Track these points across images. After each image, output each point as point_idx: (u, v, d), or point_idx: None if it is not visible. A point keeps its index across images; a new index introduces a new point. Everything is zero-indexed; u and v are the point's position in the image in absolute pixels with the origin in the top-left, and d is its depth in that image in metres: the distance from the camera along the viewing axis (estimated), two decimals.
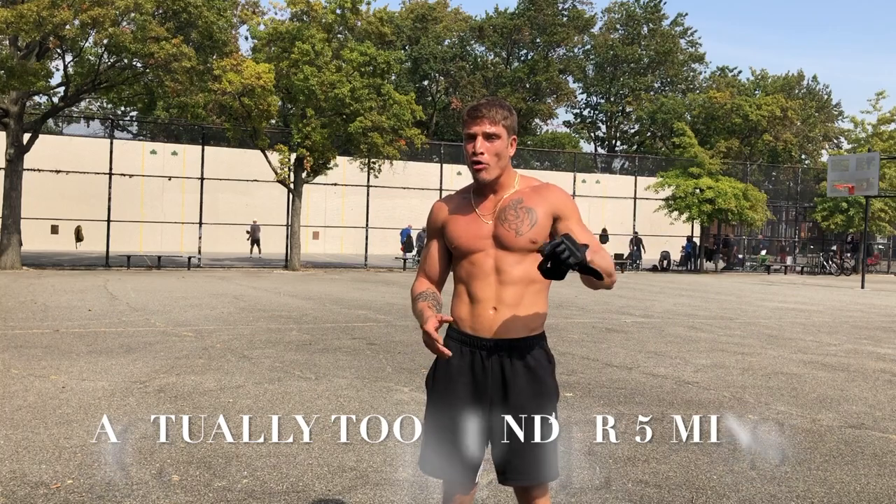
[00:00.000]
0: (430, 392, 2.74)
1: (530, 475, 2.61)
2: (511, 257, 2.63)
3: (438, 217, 2.79)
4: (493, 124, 2.62)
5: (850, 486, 4.49)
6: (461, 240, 2.69)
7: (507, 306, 2.63)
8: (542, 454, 2.62)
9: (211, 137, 35.16)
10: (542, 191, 2.71)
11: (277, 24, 25.58)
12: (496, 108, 2.63)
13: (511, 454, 2.61)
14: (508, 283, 2.63)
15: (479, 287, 2.66)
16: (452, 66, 54.62)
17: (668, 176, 33.33)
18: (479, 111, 2.62)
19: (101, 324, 10.78)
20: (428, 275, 2.83)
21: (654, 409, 6.26)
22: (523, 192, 2.70)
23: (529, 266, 2.63)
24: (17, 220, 22.24)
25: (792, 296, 20.25)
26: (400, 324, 11.60)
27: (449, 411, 2.65)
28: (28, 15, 19.07)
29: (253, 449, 4.90)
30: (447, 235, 2.74)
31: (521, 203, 2.66)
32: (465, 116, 2.65)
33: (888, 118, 36.59)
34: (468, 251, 2.68)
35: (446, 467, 2.65)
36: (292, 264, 25.87)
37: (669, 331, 11.60)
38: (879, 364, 8.98)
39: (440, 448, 2.65)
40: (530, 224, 2.63)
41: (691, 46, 60.29)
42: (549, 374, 2.68)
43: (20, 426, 5.31)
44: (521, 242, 2.62)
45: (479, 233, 2.67)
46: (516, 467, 2.61)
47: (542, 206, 2.65)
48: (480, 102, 2.66)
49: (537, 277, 2.64)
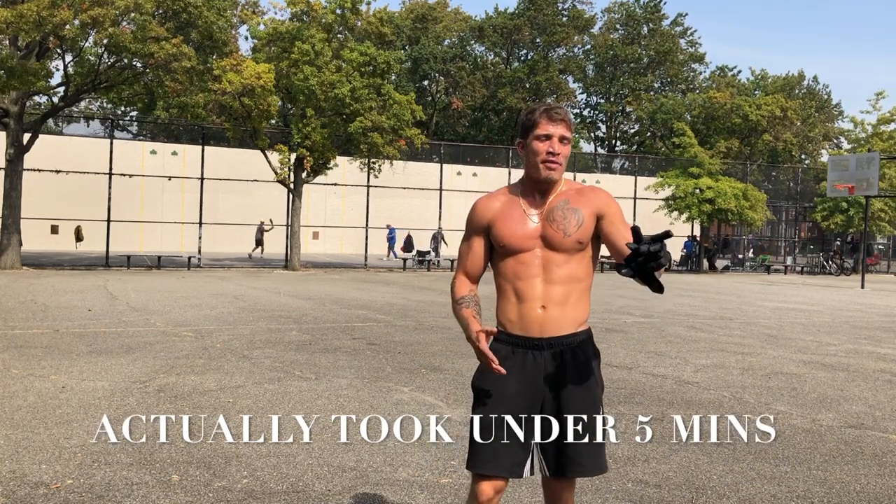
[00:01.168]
0: (479, 393, 2.76)
1: (586, 467, 2.72)
2: (558, 257, 2.70)
3: (485, 215, 2.81)
4: (568, 129, 2.73)
5: (850, 486, 4.49)
6: (510, 238, 2.74)
7: (555, 304, 2.70)
8: (596, 447, 2.73)
9: (211, 137, 35.16)
10: (587, 192, 2.79)
11: (277, 24, 25.58)
12: (569, 114, 2.75)
13: (566, 447, 2.69)
14: (555, 282, 2.70)
15: (526, 286, 2.72)
16: (452, 66, 54.62)
17: (668, 176, 33.32)
18: (558, 114, 2.71)
19: (101, 324, 10.78)
20: (469, 272, 2.88)
21: (654, 409, 6.26)
22: (569, 194, 2.77)
23: (575, 266, 2.72)
24: (17, 220, 22.24)
25: (792, 296, 20.26)
26: (400, 324, 11.60)
27: (502, 409, 2.69)
28: (28, 15, 19.07)
29: (253, 449, 4.90)
30: (494, 233, 2.77)
31: (567, 204, 2.73)
32: (542, 117, 2.71)
33: (888, 118, 36.60)
34: (516, 250, 2.73)
35: (498, 463, 2.69)
36: (292, 264, 25.87)
37: (669, 331, 11.60)
38: (879, 364, 8.98)
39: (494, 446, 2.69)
40: (577, 225, 2.70)
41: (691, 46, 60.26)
42: (597, 368, 2.78)
43: (20, 426, 5.31)
44: (568, 243, 2.70)
45: (527, 232, 2.73)
46: (572, 459, 2.69)
47: (587, 208, 2.73)
48: (554, 105, 2.75)
49: (582, 276, 2.74)
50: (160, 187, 34.43)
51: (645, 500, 4.16)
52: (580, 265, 2.74)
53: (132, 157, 34.11)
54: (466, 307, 2.78)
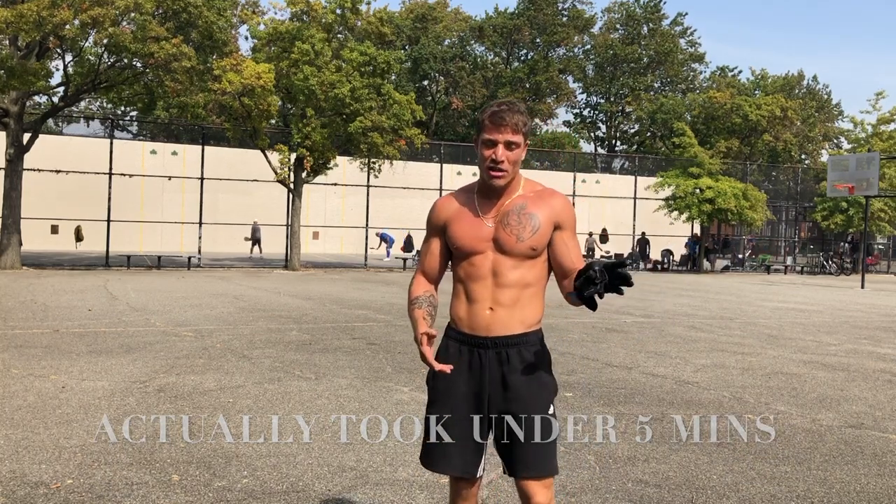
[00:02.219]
0: (431, 390, 2.77)
1: (533, 469, 2.64)
2: (509, 261, 2.65)
3: (441, 215, 2.79)
4: (514, 133, 2.60)
5: (850, 486, 4.49)
6: (462, 241, 2.70)
7: (503, 307, 2.66)
8: (542, 449, 2.65)
9: (211, 137, 35.16)
10: (546, 197, 2.70)
11: (277, 24, 25.57)
12: (518, 116, 2.60)
13: (513, 449, 2.65)
14: (505, 285, 2.65)
15: (476, 288, 2.69)
16: (452, 66, 54.62)
17: (668, 176, 33.33)
18: (502, 118, 2.58)
19: (101, 324, 10.78)
20: (427, 272, 2.86)
21: (654, 409, 6.26)
22: (527, 197, 2.69)
23: (526, 271, 2.67)
24: (17, 220, 22.23)
25: (792, 296, 20.25)
26: (400, 324, 11.60)
27: (449, 408, 2.69)
28: (28, 15, 19.07)
29: (253, 449, 4.90)
30: (449, 235, 2.75)
31: (524, 209, 2.66)
32: (486, 121, 2.61)
33: (888, 118, 36.61)
34: (468, 252, 2.70)
35: (448, 462, 2.70)
36: (292, 264, 25.87)
37: (669, 331, 11.60)
38: (879, 364, 8.98)
39: (443, 445, 2.70)
40: (532, 231, 2.63)
41: (691, 46, 60.27)
42: (546, 369, 2.71)
43: (20, 426, 5.31)
44: (521, 248, 2.64)
45: (480, 235, 2.67)
46: (520, 460, 2.64)
47: (544, 213, 2.66)
48: (501, 108, 2.61)
49: (532, 281, 2.68)
50: (160, 187, 34.43)
51: (645, 500, 4.16)
52: (532, 270, 2.67)
53: (132, 157, 34.10)
54: (418, 308, 2.77)
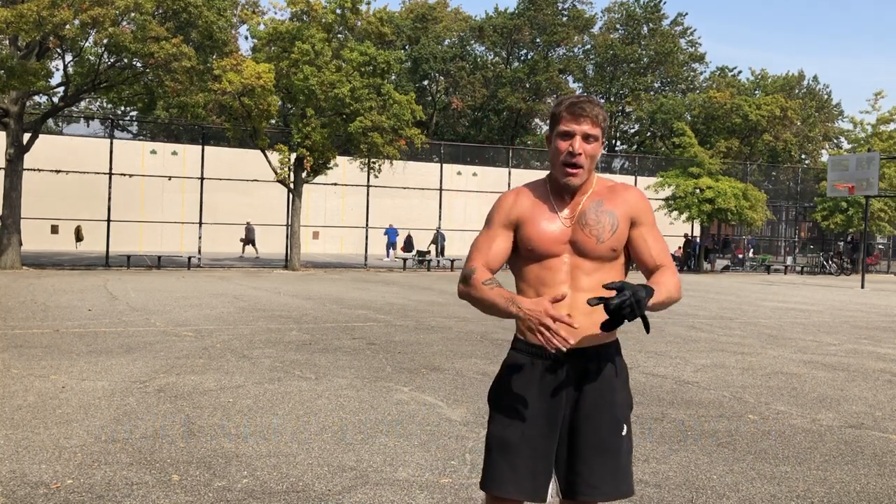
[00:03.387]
0: (497, 407, 2.54)
1: (601, 490, 2.45)
2: (588, 264, 2.48)
3: (514, 210, 2.56)
4: (594, 125, 2.44)
5: (850, 486, 4.49)
6: (538, 241, 2.50)
7: (582, 314, 2.43)
8: (617, 468, 2.47)
9: (211, 137, 35.15)
10: (620, 191, 2.56)
11: (277, 24, 25.57)
12: (598, 108, 2.45)
13: (580, 466, 2.46)
14: (583, 290, 2.46)
15: (551, 293, 2.44)
16: (452, 66, 54.61)
17: (668, 176, 33.33)
18: (582, 108, 2.43)
19: (101, 324, 10.78)
20: (489, 266, 2.55)
21: (654, 409, 6.26)
22: (602, 194, 2.53)
23: (605, 274, 2.49)
24: (17, 220, 22.23)
25: (792, 296, 20.25)
26: (400, 324, 11.60)
27: (521, 426, 2.47)
28: (28, 15, 19.07)
29: (253, 449, 4.90)
30: (523, 234, 2.53)
31: (601, 206, 2.50)
32: (564, 112, 2.45)
33: (887, 118, 36.61)
34: (544, 255, 2.50)
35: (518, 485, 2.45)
36: (292, 264, 25.87)
37: (669, 331, 11.60)
38: (879, 364, 8.98)
39: (512, 466, 2.46)
40: (611, 230, 2.48)
41: (691, 46, 60.24)
42: (622, 383, 2.55)
43: (20, 426, 5.31)
44: (601, 250, 2.47)
45: (556, 236, 2.49)
46: (586, 480, 2.45)
47: (621, 210, 2.51)
48: (581, 99, 2.46)
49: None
50: (160, 187, 34.42)
51: (645, 500, 4.16)
52: (610, 273, 2.50)
53: (132, 157, 34.09)
54: (498, 287, 2.44)
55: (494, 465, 2.48)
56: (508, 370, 2.55)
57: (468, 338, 10.11)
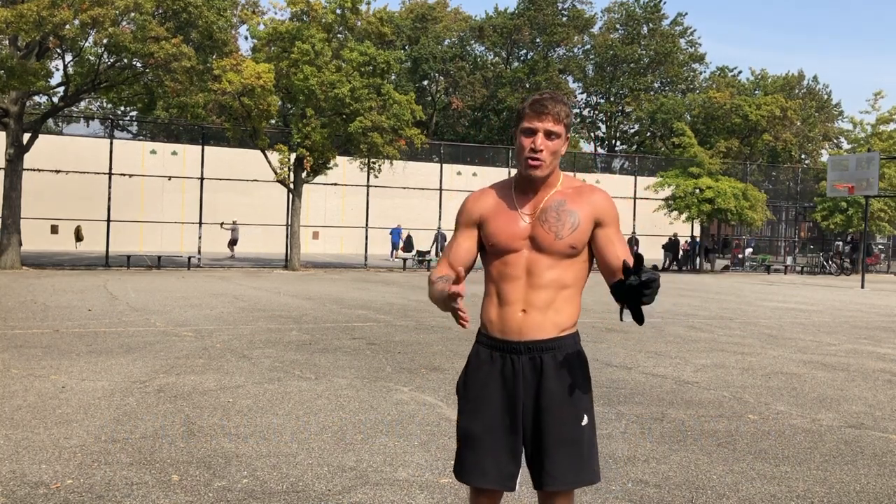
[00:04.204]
0: (462, 399, 2.65)
1: (563, 480, 2.51)
2: (545, 260, 2.53)
3: (475, 210, 2.65)
4: (556, 122, 2.51)
5: (850, 486, 4.49)
6: (499, 237, 2.58)
7: (536, 308, 2.53)
8: (576, 458, 2.52)
9: (211, 137, 35.15)
10: (586, 193, 2.60)
11: (277, 24, 25.58)
12: (560, 105, 2.51)
13: (544, 459, 2.52)
14: (539, 286, 2.53)
15: (509, 289, 2.56)
16: (452, 66, 54.62)
17: (668, 176, 33.34)
18: (544, 106, 2.50)
19: (101, 324, 10.78)
20: (452, 264, 2.68)
21: (654, 409, 6.26)
22: (566, 193, 2.58)
23: (563, 271, 2.55)
24: (17, 220, 22.23)
25: (792, 296, 20.25)
26: (400, 324, 11.60)
27: (483, 419, 2.56)
28: (28, 15, 19.07)
29: (253, 449, 4.90)
30: (485, 231, 2.61)
31: (563, 205, 2.55)
32: (527, 109, 2.52)
33: (887, 118, 36.62)
34: (503, 250, 2.58)
35: (483, 475, 2.55)
36: (292, 264, 25.87)
37: (669, 331, 11.60)
38: (879, 364, 8.98)
39: (477, 457, 2.55)
40: (571, 228, 2.52)
41: (691, 46, 60.26)
42: (581, 374, 2.59)
43: (20, 426, 5.31)
44: (559, 246, 2.52)
45: (516, 232, 2.56)
46: (549, 472, 2.51)
47: (584, 210, 2.55)
48: (544, 97, 2.53)
49: (570, 282, 2.56)
50: (160, 187, 34.42)
51: (645, 500, 4.16)
52: (569, 270, 2.55)
53: (132, 157, 34.10)
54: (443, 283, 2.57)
55: (461, 455, 2.60)
56: (472, 362, 2.65)
57: (468, 338, 10.11)
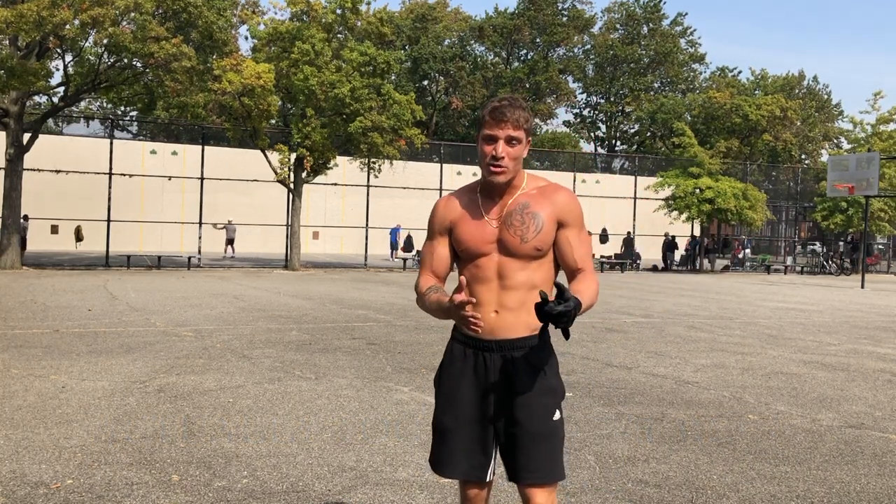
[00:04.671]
0: (437, 394, 2.74)
1: (536, 475, 2.58)
2: (515, 263, 2.60)
3: (446, 215, 2.71)
4: (516, 128, 2.54)
5: (850, 486, 4.49)
6: (468, 243, 2.64)
7: (508, 310, 2.60)
8: (547, 453, 2.59)
9: (211, 137, 35.16)
10: (549, 193, 2.64)
11: (277, 24, 25.58)
12: (519, 111, 2.55)
13: (517, 453, 2.59)
14: (510, 287, 2.60)
15: (481, 290, 2.62)
16: (452, 66, 54.61)
17: (668, 176, 33.33)
18: (503, 114, 2.53)
19: (101, 324, 10.78)
20: (434, 272, 2.76)
21: (654, 409, 6.26)
22: (530, 195, 2.63)
23: (532, 272, 2.60)
24: (17, 220, 22.24)
25: (792, 296, 20.25)
26: (400, 324, 11.60)
27: (455, 413, 2.65)
28: (28, 15, 19.07)
29: (253, 449, 4.90)
30: (455, 236, 2.68)
31: (527, 207, 2.60)
32: (487, 117, 2.56)
33: (887, 118, 36.61)
34: (474, 255, 2.64)
35: (456, 467, 2.65)
36: (292, 264, 25.87)
37: (669, 331, 11.60)
38: (879, 364, 8.98)
39: (449, 449, 2.65)
40: (535, 231, 2.58)
41: (691, 46, 60.27)
42: (552, 373, 2.65)
43: (20, 426, 5.31)
44: (525, 249, 2.58)
45: (484, 236, 2.62)
46: (524, 466, 2.58)
47: (547, 210, 2.60)
48: (502, 103, 2.56)
49: (539, 283, 2.61)
50: (160, 187, 34.43)
51: (645, 500, 4.16)
52: (538, 271, 2.61)
53: (132, 157, 34.11)
54: (436, 292, 2.64)
55: (435, 448, 2.70)
56: (447, 358, 2.73)
57: None
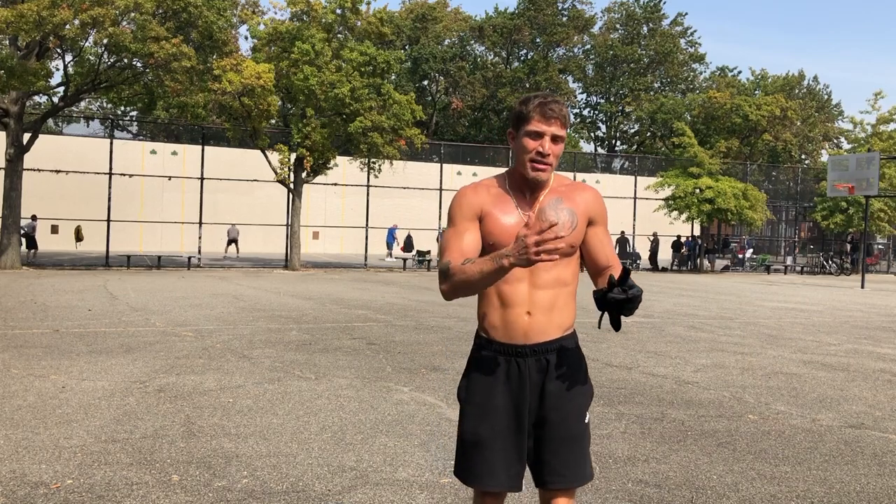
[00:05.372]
0: (466, 404, 2.62)
1: (566, 478, 2.54)
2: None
3: (475, 203, 2.57)
4: (562, 127, 2.50)
5: (850, 486, 4.49)
6: (500, 236, 2.52)
7: (541, 310, 2.53)
8: (579, 456, 2.56)
9: (211, 137, 35.15)
10: (578, 190, 2.61)
11: (277, 24, 25.58)
12: (565, 110, 2.51)
13: (548, 456, 2.55)
14: (541, 286, 2.52)
15: (511, 290, 2.53)
16: (452, 66, 54.61)
17: (668, 176, 33.33)
18: (552, 111, 2.47)
19: (101, 324, 10.78)
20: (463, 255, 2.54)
21: (654, 409, 6.26)
22: (560, 192, 2.58)
23: (562, 270, 2.55)
24: (17, 220, 22.24)
25: (792, 296, 20.25)
26: (400, 324, 11.60)
27: (491, 422, 2.56)
28: (28, 15, 19.07)
29: (253, 449, 4.90)
30: (484, 228, 2.56)
31: (560, 203, 2.56)
32: (534, 112, 2.48)
33: (887, 118, 36.61)
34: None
35: (494, 477, 2.55)
36: (292, 264, 25.87)
37: (669, 331, 11.60)
38: (879, 364, 8.98)
39: (486, 460, 2.55)
40: (571, 227, 2.53)
41: (691, 46, 60.26)
42: (583, 374, 2.62)
43: (20, 426, 5.31)
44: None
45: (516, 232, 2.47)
46: (554, 469, 2.54)
47: (579, 208, 2.57)
48: (549, 100, 2.49)
49: (569, 280, 2.57)
50: (160, 187, 34.43)
51: (645, 500, 4.16)
52: (568, 268, 2.56)
53: (132, 157, 34.10)
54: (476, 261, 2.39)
55: (470, 459, 2.58)
56: (474, 368, 2.62)
57: (468, 338, 10.11)
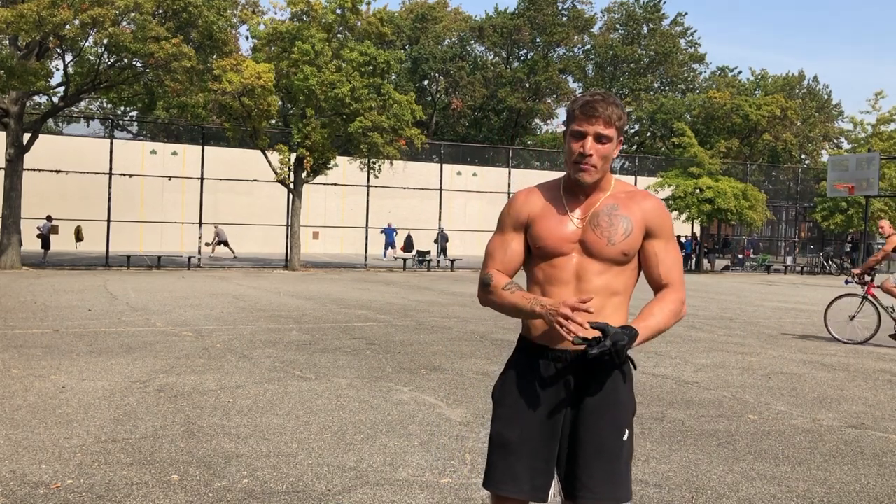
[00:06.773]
0: (499, 406, 2.54)
1: (598, 495, 2.40)
2: (596, 266, 2.44)
3: (523, 210, 2.54)
4: (607, 125, 2.39)
5: (850, 486, 4.49)
6: (547, 240, 2.47)
7: (585, 317, 2.38)
8: (615, 473, 2.42)
9: (211, 137, 35.14)
10: (639, 199, 2.50)
11: (277, 24, 25.59)
12: (612, 108, 2.40)
13: (579, 470, 2.42)
14: (588, 292, 2.43)
15: (556, 294, 2.44)
16: (452, 66, 54.60)
17: (668, 176, 33.34)
18: (594, 109, 2.38)
19: (101, 324, 10.78)
20: (504, 268, 2.55)
21: (654, 409, 6.26)
22: (618, 198, 2.49)
23: (613, 277, 2.46)
24: (17, 220, 22.24)
25: (792, 296, 20.25)
26: (400, 324, 11.60)
27: (520, 427, 2.47)
28: (28, 15, 19.07)
29: (253, 449, 4.90)
30: (532, 233, 2.51)
31: (615, 209, 2.46)
32: (577, 111, 2.41)
33: (887, 118, 36.63)
34: (552, 253, 2.47)
35: (517, 485, 2.45)
36: (292, 264, 25.87)
37: (669, 330, 11.59)
38: (879, 364, 8.98)
39: (510, 465, 2.46)
40: (624, 234, 2.44)
41: (691, 46, 60.23)
42: (627, 388, 2.49)
43: (20, 426, 5.31)
44: (611, 252, 2.43)
45: (566, 234, 2.46)
46: (584, 484, 2.41)
47: (637, 216, 2.46)
48: (595, 98, 2.41)
49: (619, 290, 2.49)
50: (160, 187, 34.42)
51: (645, 500, 4.16)
52: (619, 277, 2.46)
53: (132, 157, 34.10)
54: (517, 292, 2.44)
55: (494, 464, 2.49)
56: (512, 369, 2.55)
57: (468, 338, 10.12)
